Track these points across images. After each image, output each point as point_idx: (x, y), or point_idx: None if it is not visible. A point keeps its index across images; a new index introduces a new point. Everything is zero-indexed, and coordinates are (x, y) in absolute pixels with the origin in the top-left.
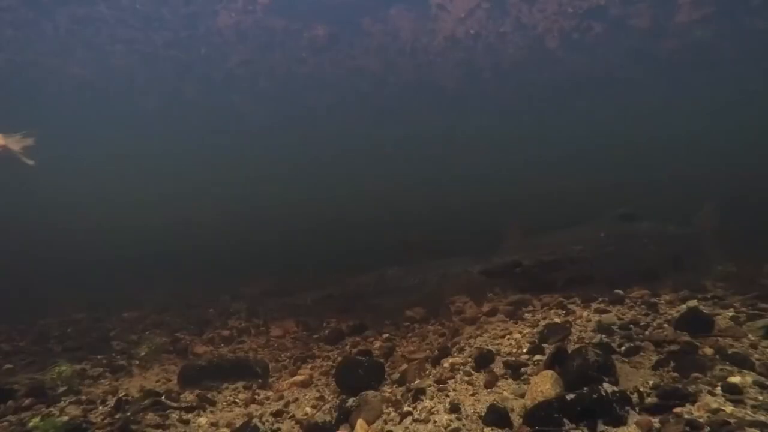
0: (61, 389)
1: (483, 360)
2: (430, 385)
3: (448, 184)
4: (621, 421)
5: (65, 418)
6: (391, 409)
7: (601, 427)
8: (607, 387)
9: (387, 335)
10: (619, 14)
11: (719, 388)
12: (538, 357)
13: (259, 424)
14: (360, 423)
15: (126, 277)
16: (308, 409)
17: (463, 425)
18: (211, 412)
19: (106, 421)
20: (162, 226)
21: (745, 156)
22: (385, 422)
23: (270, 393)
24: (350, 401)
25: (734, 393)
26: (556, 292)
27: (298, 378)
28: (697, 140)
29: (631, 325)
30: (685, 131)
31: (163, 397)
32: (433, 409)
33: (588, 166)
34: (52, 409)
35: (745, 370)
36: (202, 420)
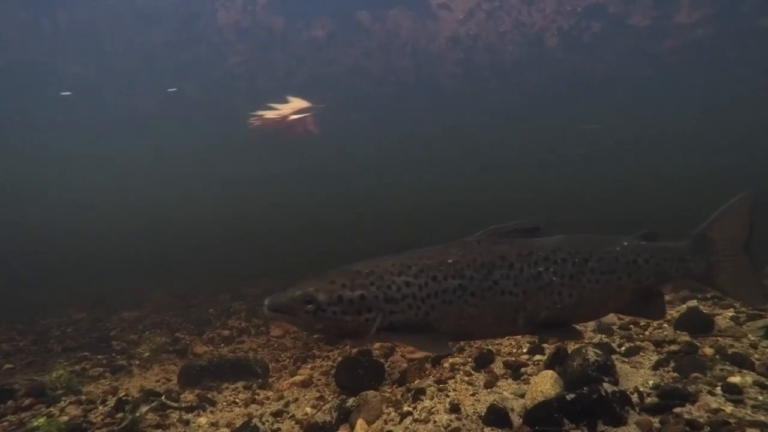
0: (60, 390)
1: (483, 360)
2: (430, 385)
3: (449, 183)
4: (621, 421)
5: (65, 418)
6: (391, 409)
7: (601, 427)
8: (607, 387)
9: None
10: (618, 13)
11: (719, 388)
12: (538, 357)
13: (259, 424)
14: (360, 423)
15: (126, 277)
16: (308, 409)
17: (463, 425)
18: (211, 412)
19: (106, 421)
20: (162, 226)
21: (745, 155)
22: (385, 422)
23: (270, 393)
24: (350, 401)
25: (734, 393)
26: (365, 342)
27: (298, 378)
28: (694, 140)
29: (631, 325)
30: (683, 131)
31: (163, 397)
32: (433, 409)
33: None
34: (52, 409)
35: (745, 370)
36: (202, 420)
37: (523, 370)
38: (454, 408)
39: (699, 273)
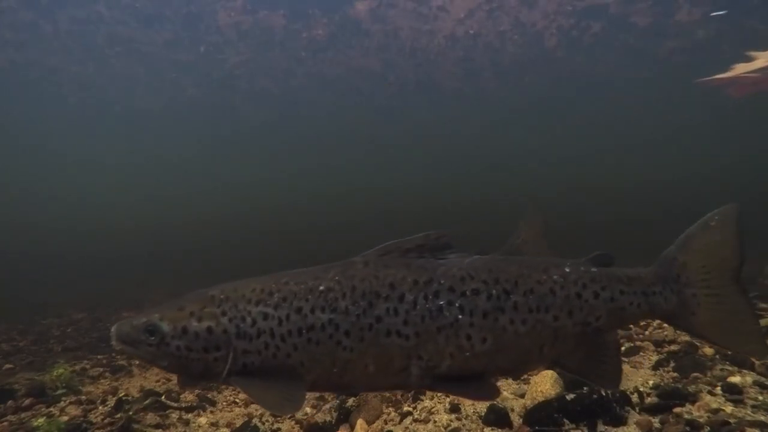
0: (61, 390)
1: None
2: None
3: (447, 183)
4: (621, 421)
5: (65, 418)
6: (391, 409)
7: (601, 427)
8: None
9: None
10: (618, 12)
11: (719, 388)
12: None
13: (259, 424)
14: (360, 423)
15: (126, 277)
16: (308, 409)
17: (463, 425)
18: (211, 412)
19: (106, 421)
20: (161, 226)
21: (748, 156)
22: (385, 422)
23: None
24: (350, 401)
25: (734, 393)
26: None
27: None
28: (693, 141)
29: (632, 325)
30: (681, 133)
31: (163, 397)
32: (433, 409)
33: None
34: (52, 409)
35: (745, 370)
36: (202, 420)
37: None
38: (454, 408)
39: (668, 311)
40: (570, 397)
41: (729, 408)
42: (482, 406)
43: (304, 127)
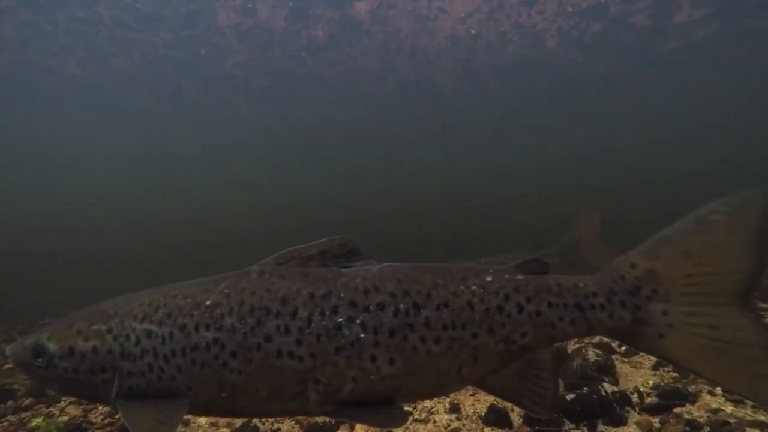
0: None
1: None
2: None
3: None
4: (621, 421)
5: (65, 418)
6: None
7: (601, 427)
8: (607, 387)
9: None
10: (618, 13)
11: (719, 387)
12: None
13: (259, 424)
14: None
15: (125, 276)
16: None
17: (463, 425)
18: None
19: (106, 421)
20: (162, 226)
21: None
22: None
23: None
24: None
25: (734, 393)
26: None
27: None
28: (694, 142)
29: None
30: (682, 133)
31: None
32: (433, 409)
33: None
34: (52, 409)
35: None
36: (202, 419)
37: None
38: (454, 408)
39: (617, 329)
40: (570, 397)
41: (729, 408)
42: (482, 406)
43: (304, 127)
